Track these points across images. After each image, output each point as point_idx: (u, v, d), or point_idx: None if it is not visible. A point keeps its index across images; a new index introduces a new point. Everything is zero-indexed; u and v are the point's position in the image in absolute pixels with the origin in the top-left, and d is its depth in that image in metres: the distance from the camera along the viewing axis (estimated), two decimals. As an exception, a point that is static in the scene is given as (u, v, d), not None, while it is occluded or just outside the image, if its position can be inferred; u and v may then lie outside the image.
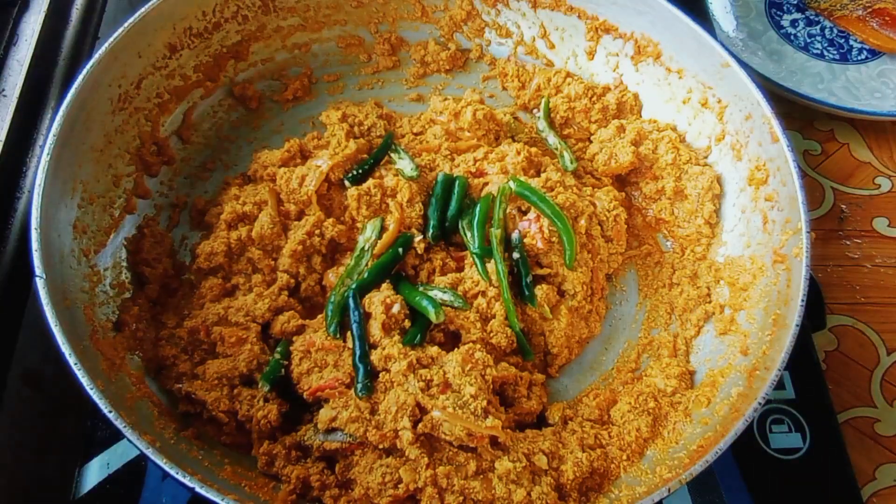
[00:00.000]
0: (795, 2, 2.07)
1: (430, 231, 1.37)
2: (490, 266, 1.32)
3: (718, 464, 1.04)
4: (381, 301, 1.25)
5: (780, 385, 1.11)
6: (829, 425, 1.36)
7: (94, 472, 1.25)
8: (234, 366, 1.23)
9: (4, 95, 1.49)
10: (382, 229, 1.36)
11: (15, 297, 1.30)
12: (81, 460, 1.25)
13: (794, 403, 1.36)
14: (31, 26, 1.59)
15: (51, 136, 1.20)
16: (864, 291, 1.65)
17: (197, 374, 1.23)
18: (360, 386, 1.17)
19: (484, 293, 1.30)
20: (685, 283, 1.42)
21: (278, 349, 1.26)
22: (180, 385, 1.21)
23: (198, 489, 0.98)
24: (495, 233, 1.34)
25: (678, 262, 1.47)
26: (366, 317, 1.26)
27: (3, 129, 1.45)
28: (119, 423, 1.01)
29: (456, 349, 1.22)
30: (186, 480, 0.99)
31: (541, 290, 1.32)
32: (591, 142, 1.57)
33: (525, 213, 1.38)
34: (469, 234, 1.36)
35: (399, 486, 1.11)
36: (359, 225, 1.38)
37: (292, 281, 1.35)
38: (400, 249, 1.34)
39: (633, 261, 1.49)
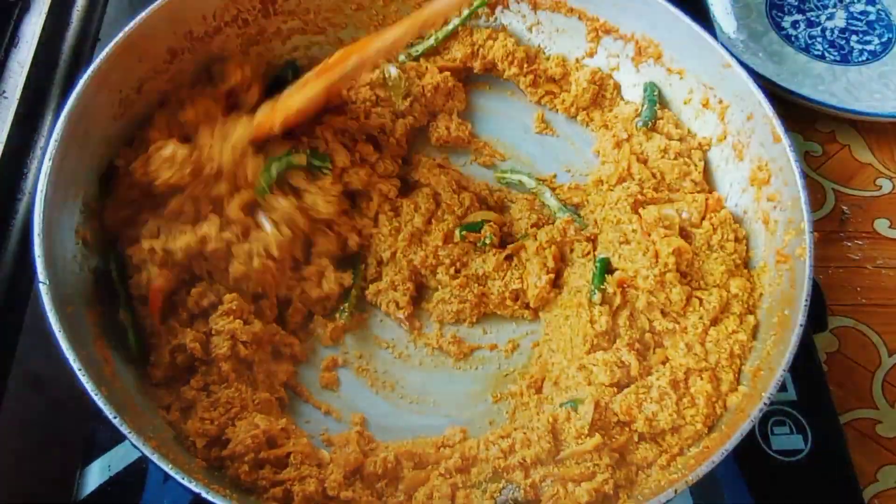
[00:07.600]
0: (796, 3, 2.06)
1: None
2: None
3: (720, 465, 1.04)
4: None
5: (781, 387, 1.11)
6: (831, 427, 1.36)
7: (96, 475, 1.24)
8: None
9: (5, 97, 1.49)
10: None
11: (16, 299, 1.30)
12: (82, 463, 1.25)
13: (795, 405, 1.36)
14: (32, 28, 1.59)
15: (52, 141, 1.19)
16: (866, 293, 1.65)
17: None
18: None
19: None
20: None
21: None
22: None
23: (204, 494, 0.98)
24: None
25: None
26: None
27: (4, 131, 1.45)
28: (124, 429, 1.01)
29: None
30: (193, 486, 0.99)
31: None
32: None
33: None
34: None
35: None
36: None
37: None
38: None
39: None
